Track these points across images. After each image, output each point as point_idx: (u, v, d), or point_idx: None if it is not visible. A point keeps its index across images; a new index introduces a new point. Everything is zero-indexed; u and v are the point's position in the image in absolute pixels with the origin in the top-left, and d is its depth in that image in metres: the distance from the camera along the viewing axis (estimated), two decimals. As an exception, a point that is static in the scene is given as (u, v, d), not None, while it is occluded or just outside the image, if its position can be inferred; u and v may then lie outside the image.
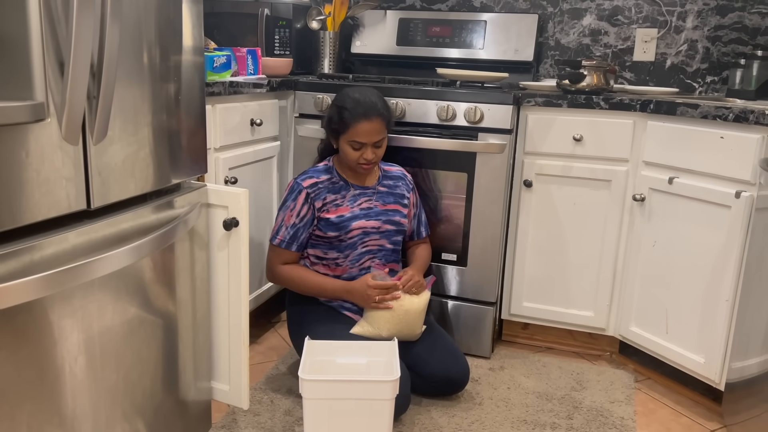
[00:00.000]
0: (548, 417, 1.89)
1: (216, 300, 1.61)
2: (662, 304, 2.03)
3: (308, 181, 1.90)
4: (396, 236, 1.99)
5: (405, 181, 2.05)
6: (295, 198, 1.89)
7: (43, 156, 1.05)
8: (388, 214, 1.96)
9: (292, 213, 1.89)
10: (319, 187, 1.90)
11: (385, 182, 2.01)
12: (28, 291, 1.01)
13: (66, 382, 1.15)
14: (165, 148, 1.36)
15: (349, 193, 1.93)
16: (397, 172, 2.06)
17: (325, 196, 1.90)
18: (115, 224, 1.23)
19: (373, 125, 1.83)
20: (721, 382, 1.87)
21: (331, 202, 1.91)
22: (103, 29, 1.09)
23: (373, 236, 1.94)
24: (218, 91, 1.84)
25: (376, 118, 1.84)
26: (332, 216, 1.90)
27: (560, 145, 2.14)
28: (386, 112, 1.88)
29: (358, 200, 1.94)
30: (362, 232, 1.92)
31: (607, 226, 2.14)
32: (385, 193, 1.99)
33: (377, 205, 1.96)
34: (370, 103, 1.84)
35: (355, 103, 1.84)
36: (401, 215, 1.99)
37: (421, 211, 2.11)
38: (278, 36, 2.54)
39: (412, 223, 2.08)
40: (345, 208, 1.91)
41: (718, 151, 1.83)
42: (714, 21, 2.49)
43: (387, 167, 2.06)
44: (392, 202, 1.98)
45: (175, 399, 1.49)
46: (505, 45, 2.64)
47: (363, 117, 1.83)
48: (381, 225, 1.95)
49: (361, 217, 1.92)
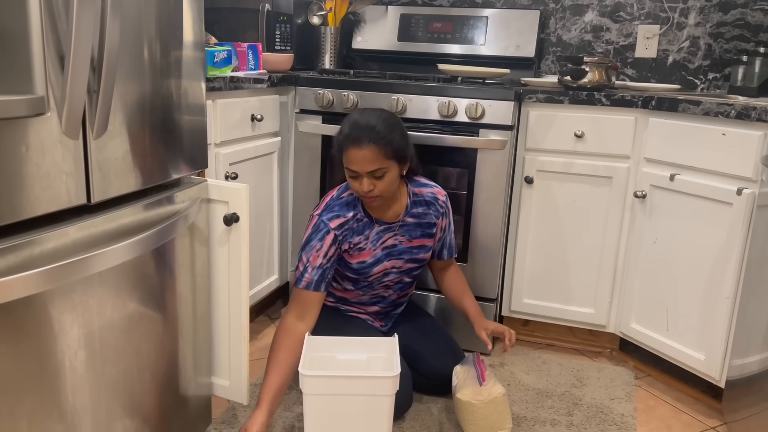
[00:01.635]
0: (548, 414, 1.89)
1: (216, 295, 1.60)
2: (663, 301, 2.03)
3: (335, 222, 1.73)
4: (416, 271, 1.91)
5: (436, 206, 1.85)
6: (322, 239, 1.72)
7: (44, 150, 1.05)
8: (413, 252, 1.84)
9: (318, 254, 1.72)
10: (347, 228, 1.74)
11: (414, 211, 1.82)
12: (28, 285, 1.00)
13: (66, 376, 1.15)
14: (165, 143, 1.36)
15: (372, 232, 1.77)
16: (428, 195, 1.85)
17: (351, 239, 1.75)
18: (116, 219, 1.23)
19: (363, 153, 1.61)
20: (722, 379, 1.87)
21: (355, 245, 1.76)
22: (103, 23, 1.08)
23: (393, 275, 1.86)
24: (219, 86, 1.84)
25: (369, 145, 1.61)
26: (353, 262, 1.78)
27: (561, 141, 2.13)
28: (384, 140, 1.62)
29: (382, 238, 1.78)
30: (383, 273, 1.84)
31: (608, 223, 2.14)
32: (412, 226, 1.82)
33: (402, 242, 1.82)
34: (366, 127, 1.62)
35: (350, 126, 1.65)
36: (425, 251, 1.86)
37: (448, 234, 1.94)
38: (279, 31, 2.53)
39: (436, 246, 1.94)
40: (367, 253, 1.78)
41: (720, 148, 1.82)
42: (716, 18, 2.49)
43: (418, 189, 1.84)
44: (419, 236, 1.83)
45: (175, 394, 1.49)
46: (506, 41, 2.63)
47: (353, 143, 1.62)
48: (403, 265, 1.85)
49: (382, 260, 1.81)
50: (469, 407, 1.71)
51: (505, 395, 1.72)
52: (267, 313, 2.49)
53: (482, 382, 1.70)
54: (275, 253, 2.37)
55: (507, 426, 1.72)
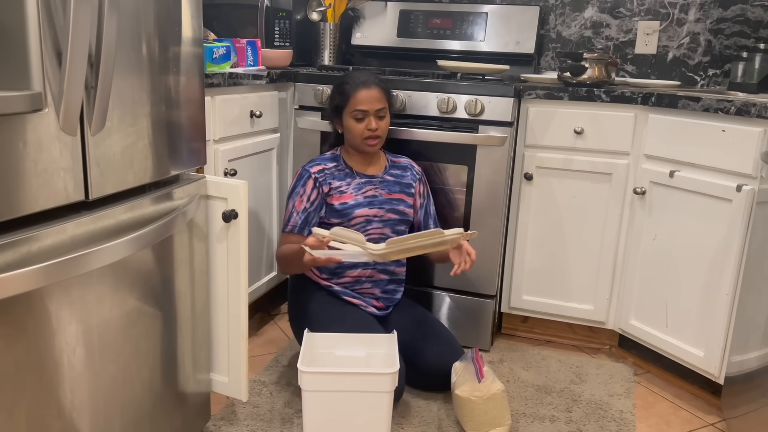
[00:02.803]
0: (547, 410, 1.89)
1: (215, 292, 1.60)
2: (662, 298, 2.03)
3: (316, 167, 1.93)
4: (399, 225, 1.99)
5: (413, 171, 2.06)
6: (304, 183, 1.92)
7: (41, 146, 1.04)
8: (393, 203, 1.97)
9: (302, 198, 1.91)
10: (326, 173, 1.93)
11: (392, 171, 2.02)
12: (26, 282, 1.00)
13: (64, 373, 1.14)
14: (164, 140, 1.35)
15: (354, 180, 1.95)
16: (404, 162, 2.07)
17: (331, 181, 1.93)
18: (114, 215, 1.23)
19: (372, 92, 1.89)
20: (721, 375, 1.87)
21: (336, 188, 1.93)
22: (101, 19, 1.08)
23: (376, 224, 1.94)
24: (217, 82, 1.83)
25: (375, 87, 1.90)
26: (336, 203, 1.92)
27: (561, 138, 2.13)
28: (384, 85, 1.94)
29: (363, 188, 1.95)
30: (365, 220, 1.93)
31: (608, 220, 2.14)
32: (391, 182, 2.00)
33: (382, 194, 1.97)
34: (367, 74, 1.95)
35: (353, 76, 1.93)
36: (406, 205, 2.00)
37: (429, 203, 2.10)
38: (278, 27, 2.52)
39: (418, 214, 2.08)
40: (349, 196, 1.93)
41: (720, 144, 1.82)
42: (716, 14, 2.48)
43: (395, 158, 2.07)
44: (397, 191, 1.99)
45: (174, 391, 1.49)
46: (506, 37, 2.63)
47: (362, 85, 1.89)
48: (384, 213, 1.95)
49: (364, 205, 1.93)
50: (468, 403, 1.71)
51: (504, 391, 1.72)
52: (266, 310, 2.49)
53: (481, 379, 1.71)
54: (274, 249, 2.37)
55: (506, 422, 1.73)
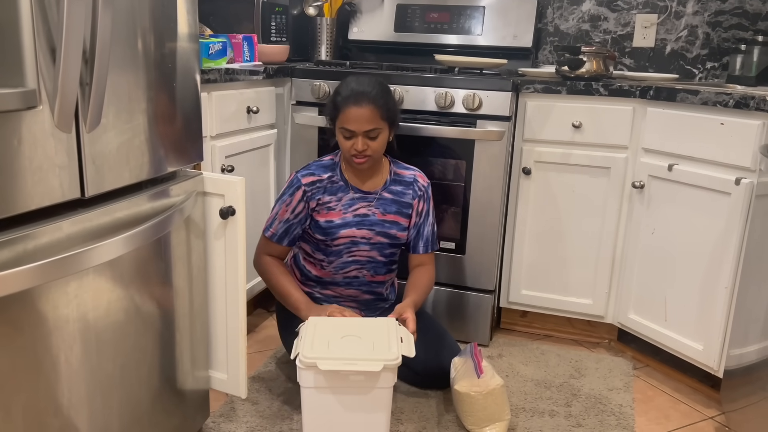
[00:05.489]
0: (547, 404, 1.89)
1: (213, 289, 1.60)
2: (661, 292, 2.03)
3: (307, 179, 1.82)
4: (389, 249, 1.88)
5: (415, 187, 1.89)
6: (292, 194, 1.82)
7: (36, 144, 1.03)
8: (384, 226, 1.84)
9: (287, 208, 1.82)
10: (317, 186, 1.82)
11: (393, 188, 1.87)
12: (23, 280, 1.00)
13: (62, 371, 1.14)
14: (160, 136, 1.35)
15: (346, 196, 1.82)
16: (409, 176, 1.90)
17: (320, 196, 1.82)
18: (110, 213, 1.22)
19: (362, 111, 1.71)
20: (720, 369, 1.87)
21: (324, 204, 1.82)
22: (95, 14, 1.07)
23: (363, 247, 1.85)
24: (214, 78, 1.82)
25: (367, 105, 1.71)
26: (321, 219, 1.82)
27: (559, 132, 2.12)
28: (382, 101, 1.74)
29: (354, 205, 1.83)
30: (350, 242, 1.83)
31: (606, 214, 2.14)
32: (388, 201, 1.86)
33: (375, 213, 1.84)
34: (364, 89, 1.74)
35: (348, 89, 1.75)
36: (399, 228, 1.86)
37: (425, 222, 1.91)
38: (274, 22, 2.51)
39: (410, 233, 1.91)
40: (336, 213, 1.82)
41: (718, 137, 1.81)
42: (714, 6, 2.47)
43: (401, 170, 1.91)
44: (393, 212, 1.86)
45: (172, 388, 1.49)
46: (503, 31, 2.62)
47: (353, 101, 1.72)
48: (373, 236, 1.84)
49: (351, 225, 1.82)
50: (468, 399, 1.71)
51: (503, 386, 1.71)
52: (264, 306, 2.49)
53: (480, 374, 1.70)
54: (272, 245, 2.36)
55: (505, 417, 1.72)
